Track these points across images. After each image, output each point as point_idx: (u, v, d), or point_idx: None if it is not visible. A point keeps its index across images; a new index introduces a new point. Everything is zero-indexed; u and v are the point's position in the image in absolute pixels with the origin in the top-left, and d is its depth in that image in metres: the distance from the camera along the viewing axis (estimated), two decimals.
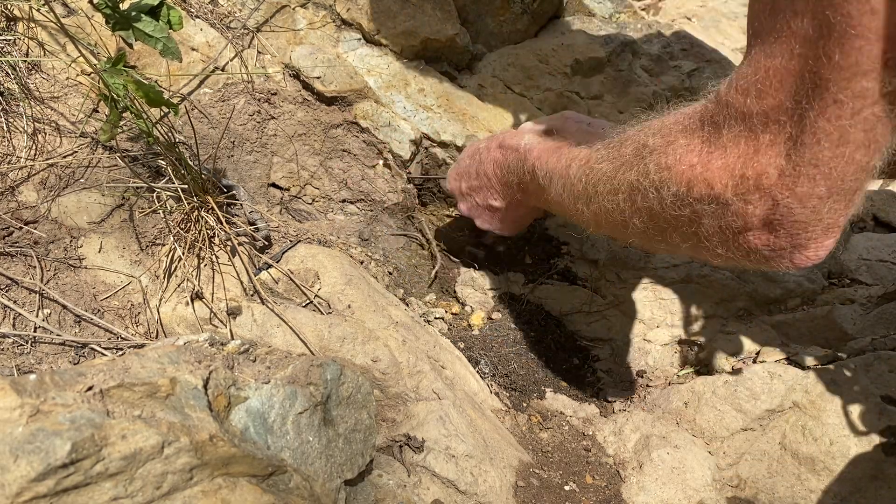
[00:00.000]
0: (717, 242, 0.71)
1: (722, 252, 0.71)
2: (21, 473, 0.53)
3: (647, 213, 0.77)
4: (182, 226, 1.04)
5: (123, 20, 0.84)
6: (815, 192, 0.62)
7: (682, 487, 1.02)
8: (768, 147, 0.63)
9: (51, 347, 0.89)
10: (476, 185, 1.18)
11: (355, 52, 1.41)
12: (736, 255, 0.71)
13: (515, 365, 1.21)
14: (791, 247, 0.67)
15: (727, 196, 0.66)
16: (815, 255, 0.68)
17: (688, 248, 0.77)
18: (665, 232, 0.76)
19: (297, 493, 0.71)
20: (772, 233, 0.66)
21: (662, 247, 0.81)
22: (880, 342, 1.11)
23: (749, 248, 0.69)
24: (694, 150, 0.69)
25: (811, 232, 0.65)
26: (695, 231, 0.72)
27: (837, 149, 0.59)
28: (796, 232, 0.65)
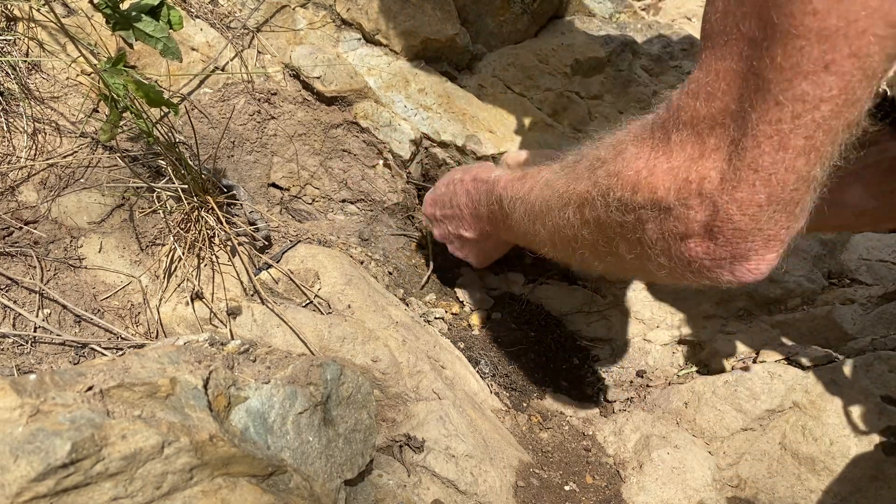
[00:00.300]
0: (660, 251, 0.70)
1: (665, 262, 0.71)
2: (21, 473, 0.53)
3: (594, 224, 0.77)
4: (182, 226, 1.04)
5: (124, 20, 0.84)
6: (754, 198, 0.61)
7: (682, 487, 1.02)
8: (713, 151, 0.63)
9: (51, 347, 0.89)
10: (449, 213, 1.19)
11: (355, 52, 1.41)
12: (678, 265, 0.70)
13: (515, 365, 1.20)
14: (731, 257, 0.66)
15: (669, 200, 0.66)
16: (756, 268, 0.67)
17: (633, 261, 0.76)
18: (612, 242, 0.76)
19: (297, 493, 0.71)
20: (712, 240, 0.65)
21: (611, 261, 0.81)
22: (880, 342, 1.11)
23: (690, 256, 0.68)
24: (642, 157, 0.69)
25: (751, 242, 0.64)
26: (639, 238, 0.72)
27: (777, 154, 0.59)
28: (736, 241, 0.64)
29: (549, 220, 0.86)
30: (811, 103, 0.56)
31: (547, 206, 0.86)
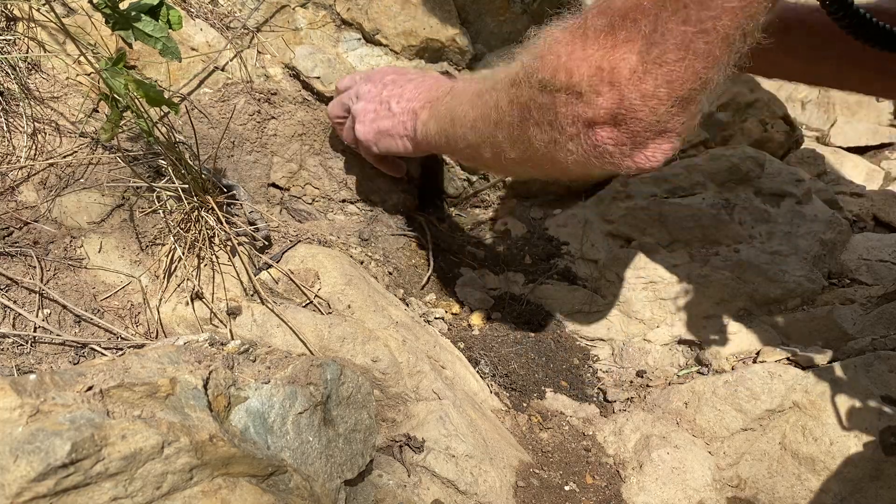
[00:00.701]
0: (569, 136, 0.76)
1: (573, 148, 0.77)
2: (21, 473, 0.53)
3: (517, 105, 0.83)
4: (182, 226, 1.04)
5: (123, 20, 0.84)
6: (656, 93, 0.68)
7: (682, 487, 1.02)
8: (624, 43, 0.69)
9: (51, 347, 0.89)
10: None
11: (355, 51, 1.41)
12: (585, 149, 0.76)
13: (515, 365, 1.20)
14: (632, 144, 0.72)
15: (582, 86, 0.71)
16: (653, 156, 0.74)
17: (544, 147, 0.81)
18: (526, 125, 0.82)
19: (297, 493, 0.71)
20: (616, 127, 0.72)
21: (523, 148, 0.86)
22: (880, 342, 1.11)
23: (596, 141, 0.74)
24: (564, 42, 0.74)
25: (650, 131, 0.71)
26: (551, 122, 0.77)
27: (681, 54, 0.66)
28: (637, 130, 0.71)
29: (479, 101, 0.93)
30: (714, 12, 0.63)
31: (478, 91, 0.93)
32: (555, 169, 0.87)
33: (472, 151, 1.00)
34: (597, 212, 1.42)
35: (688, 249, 1.33)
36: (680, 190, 1.44)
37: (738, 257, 1.30)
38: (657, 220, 1.37)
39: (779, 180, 1.44)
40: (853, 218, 1.58)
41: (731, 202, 1.40)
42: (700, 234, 1.35)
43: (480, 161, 1.03)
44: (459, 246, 1.40)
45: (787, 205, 1.41)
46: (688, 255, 1.32)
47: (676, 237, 1.35)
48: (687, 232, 1.35)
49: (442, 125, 1.07)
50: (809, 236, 1.35)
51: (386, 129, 1.20)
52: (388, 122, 1.19)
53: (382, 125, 1.20)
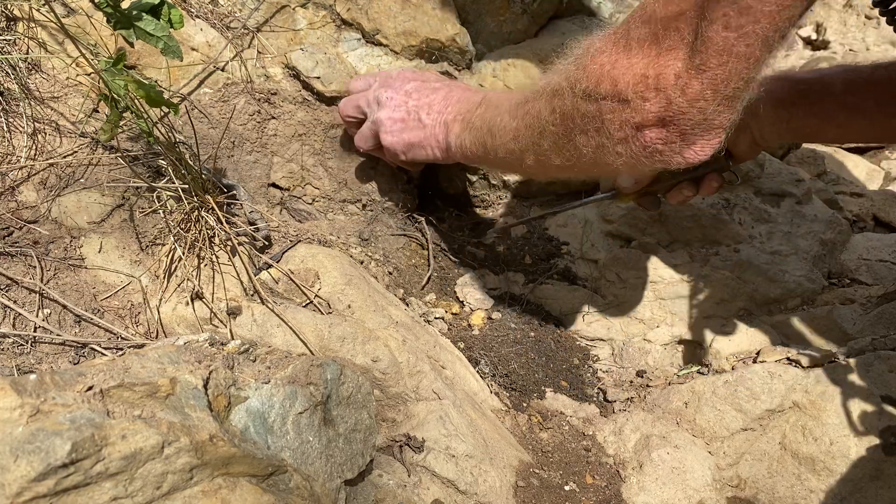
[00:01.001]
0: (618, 140, 0.79)
1: (622, 150, 0.80)
2: (21, 473, 0.53)
3: (559, 114, 0.85)
4: (182, 226, 1.04)
5: (124, 19, 0.84)
6: (703, 94, 0.71)
7: (682, 487, 1.02)
8: (668, 51, 0.72)
9: (51, 347, 0.89)
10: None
11: (355, 51, 1.41)
12: (633, 150, 0.79)
13: (515, 365, 1.21)
14: (681, 142, 0.76)
15: (628, 93, 0.75)
16: (702, 150, 0.77)
17: (591, 152, 0.84)
18: (572, 134, 0.84)
19: (297, 493, 0.71)
20: (664, 128, 0.75)
21: (568, 155, 0.88)
22: (880, 342, 1.11)
23: (645, 143, 0.77)
24: (606, 52, 0.77)
25: (699, 129, 0.74)
26: (597, 129, 0.80)
27: (723, 57, 0.69)
28: (686, 129, 0.74)
29: (519, 111, 0.96)
30: (753, 17, 0.66)
31: (519, 101, 0.96)
32: (601, 171, 0.90)
33: (514, 160, 1.02)
34: (597, 212, 1.42)
35: (688, 249, 1.33)
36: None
37: (738, 257, 1.30)
38: (657, 220, 1.37)
39: (779, 180, 1.44)
40: (853, 218, 1.58)
41: (730, 202, 1.40)
42: (700, 234, 1.35)
43: (521, 168, 1.05)
44: (459, 246, 1.40)
45: (787, 205, 1.41)
46: (688, 255, 1.32)
47: (676, 237, 1.35)
48: (687, 232, 1.35)
49: (479, 136, 1.08)
50: (809, 236, 1.35)
51: (417, 141, 1.22)
52: (419, 134, 1.21)
53: (412, 137, 1.22)
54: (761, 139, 1.11)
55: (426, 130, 1.20)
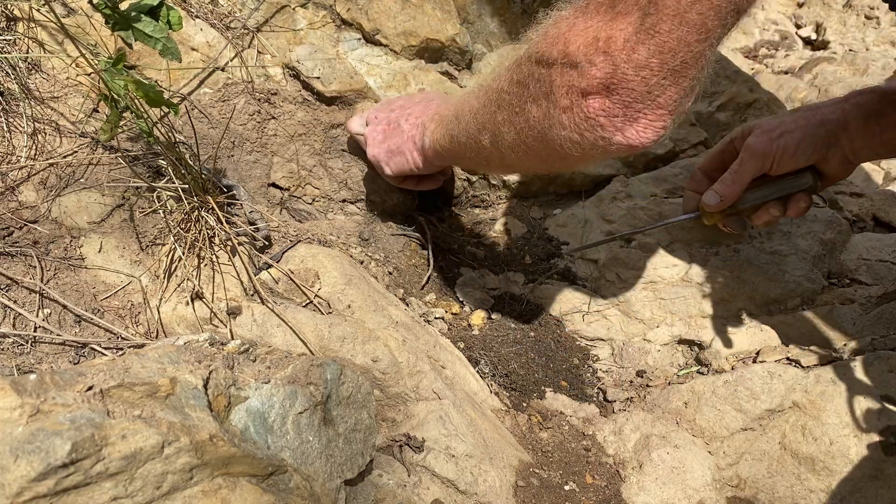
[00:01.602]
0: (563, 109, 0.78)
1: (566, 121, 0.78)
2: (21, 473, 0.53)
3: (516, 82, 0.85)
4: (182, 226, 1.04)
5: (123, 20, 0.84)
6: (648, 62, 0.70)
7: (681, 487, 1.02)
8: (621, 15, 0.71)
9: (51, 347, 0.89)
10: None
11: (355, 52, 1.41)
12: (577, 122, 0.77)
13: (515, 365, 1.21)
14: (624, 117, 0.74)
15: (578, 56, 0.74)
16: (644, 133, 0.75)
17: (539, 124, 0.83)
18: (525, 102, 0.84)
19: (297, 493, 0.71)
20: (608, 97, 0.73)
21: (519, 128, 0.87)
22: (880, 342, 1.11)
23: (587, 112, 0.75)
24: (568, 17, 0.77)
25: (642, 104, 0.73)
26: (546, 94, 0.79)
27: (674, 24, 0.68)
28: (629, 101, 0.73)
29: (482, 91, 0.95)
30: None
31: (485, 83, 0.95)
32: (549, 152, 0.87)
33: (473, 144, 1.00)
34: (597, 212, 1.42)
35: (688, 249, 1.33)
36: (679, 190, 1.44)
37: (738, 257, 1.30)
38: (657, 219, 1.37)
39: None
40: (853, 218, 1.58)
41: None
42: (700, 234, 1.35)
43: (481, 155, 1.03)
44: (459, 246, 1.40)
45: None
46: (688, 255, 1.32)
47: (676, 237, 1.35)
48: (687, 232, 1.35)
49: (447, 126, 1.07)
50: (809, 236, 1.35)
51: (396, 147, 1.21)
52: (398, 140, 1.20)
53: (392, 143, 1.21)
54: (853, 155, 1.04)
55: (404, 135, 1.19)
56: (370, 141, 1.24)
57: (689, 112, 1.62)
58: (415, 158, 1.19)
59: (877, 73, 2.40)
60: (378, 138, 1.23)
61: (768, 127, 1.06)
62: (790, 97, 2.40)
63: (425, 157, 1.17)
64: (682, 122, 1.60)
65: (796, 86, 2.45)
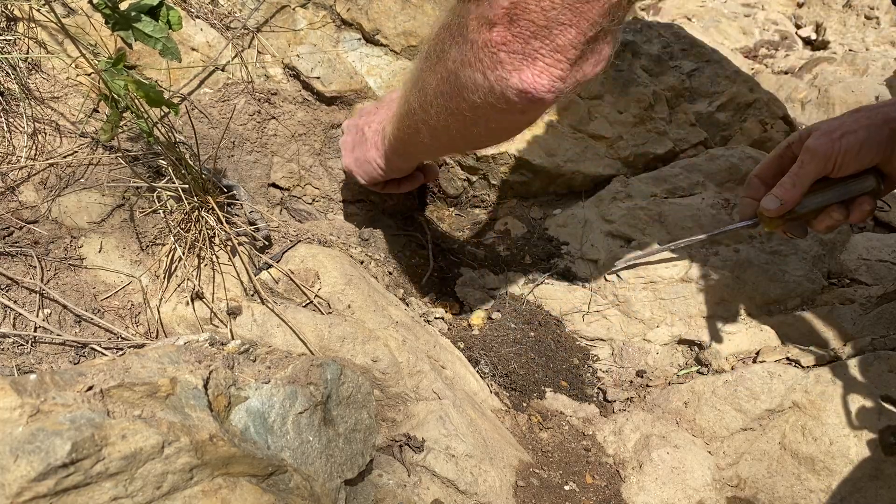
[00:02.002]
0: (472, 42, 0.77)
1: (473, 57, 0.78)
2: (21, 473, 0.53)
3: (440, 27, 0.84)
4: (182, 226, 1.04)
5: (123, 20, 0.84)
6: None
7: (681, 487, 1.02)
8: None
9: (51, 347, 0.89)
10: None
11: (355, 52, 1.41)
12: (482, 56, 0.76)
13: (515, 365, 1.21)
14: (523, 55, 0.73)
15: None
16: (540, 76, 0.74)
17: (456, 67, 0.82)
18: (445, 46, 0.83)
19: (297, 493, 0.71)
20: (509, 27, 0.73)
21: (439, 76, 0.86)
22: (880, 342, 1.11)
23: (491, 44, 0.75)
24: None
25: (540, 42, 0.72)
26: (461, 30, 0.79)
27: None
28: (528, 35, 0.72)
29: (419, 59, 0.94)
30: None
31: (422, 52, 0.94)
32: (460, 102, 0.86)
33: (408, 114, 0.99)
34: (596, 212, 1.42)
35: (688, 249, 1.33)
36: (679, 190, 1.44)
37: (738, 257, 1.30)
38: (657, 219, 1.37)
39: None
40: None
41: (730, 202, 1.40)
42: (700, 233, 1.35)
43: (414, 125, 1.00)
44: (459, 246, 1.40)
45: None
46: (688, 255, 1.32)
47: (676, 237, 1.35)
48: (687, 232, 1.35)
49: (395, 116, 1.06)
50: (809, 236, 1.35)
51: (362, 156, 1.21)
52: (363, 148, 1.21)
53: (358, 153, 1.22)
54: None
55: (367, 143, 1.19)
56: (343, 152, 1.25)
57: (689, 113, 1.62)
58: (378, 164, 1.19)
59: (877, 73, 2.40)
60: (348, 148, 1.24)
61: (829, 128, 1.02)
62: (790, 97, 2.40)
63: (386, 159, 1.17)
64: (682, 122, 1.60)
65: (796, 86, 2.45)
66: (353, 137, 1.23)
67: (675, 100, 1.62)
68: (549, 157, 1.46)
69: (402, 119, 1.03)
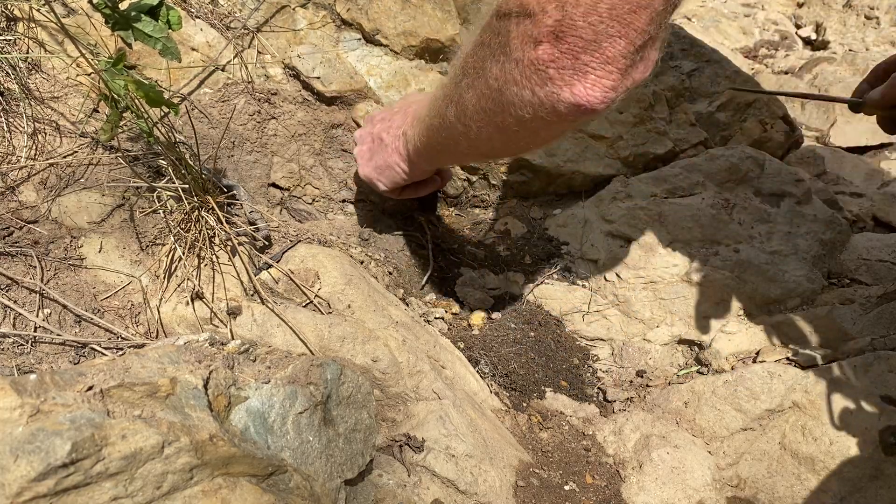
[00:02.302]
0: (517, 60, 0.76)
1: (519, 75, 0.77)
2: (21, 473, 0.53)
3: (479, 43, 0.84)
4: (182, 226, 1.04)
5: (123, 20, 0.84)
6: (596, 8, 0.69)
7: (681, 487, 1.02)
8: None
9: (51, 347, 0.89)
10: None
11: (355, 52, 1.41)
12: (528, 73, 0.76)
13: (515, 365, 1.21)
14: (573, 70, 0.73)
15: (532, 5, 0.73)
16: (592, 89, 0.74)
17: (497, 83, 0.81)
18: (485, 61, 0.82)
19: (297, 493, 0.71)
20: (557, 45, 0.72)
21: (479, 90, 0.86)
22: (880, 342, 1.11)
23: (538, 63, 0.74)
24: None
25: (590, 56, 0.72)
26: (503, 46, 0.78)
27: None
28: (577, 50, 0.72)
29: (451, 69, 0.92)
30: None
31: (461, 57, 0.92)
32: (505, 117, 0.85)
33: (442, 123, 0.98)
34: (596, 212, 1.42)
35: (688, 249, 1.33)
36: (679, 190, 1.44)
37: (738, 257, 1.30)
38: (657, 219, 1.37)
39: (778, 180, 1.44)
40: (853, 218, 1.58)
41: (730, 202, 1.40)
42: (700, 234, 1.35)
43: (451, 136, 1.00)
44: (459, 246, 1.40)
45: (786, 205, 1.41)
46: (688, 255, 1.32)
47: (676, 237, 1.35)
48: (686, 232, 1.35)
49: (421, 120, 1.06)
50: (809, 236, 1.35)
51: (383, 163, 1.20)
52: (383, 155, 1.20)
53: (378, 160, 1.20)
54: None
55: (388, 148, 1.18)
56: (360, 161, 1.24)
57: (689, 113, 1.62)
58: (402, 168, 1.18)
59: None
60: (365, 157, 1.23)
61: None
62: None
63: (411, 163, 1.16)
64: (682, 121, 1.60)
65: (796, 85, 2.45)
66: (370, 146, 1.22)
67: (675, 100, 1.62)
68: (548, 157, 1.46)
69: (435, 130, 1.02)
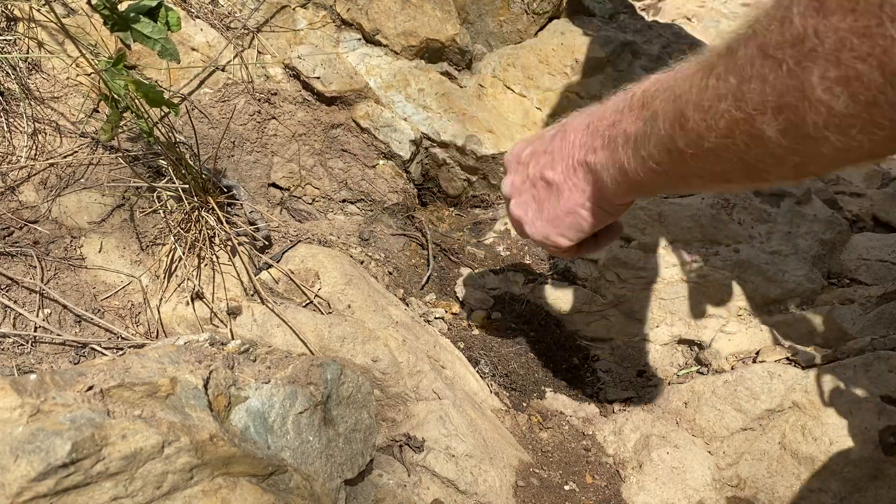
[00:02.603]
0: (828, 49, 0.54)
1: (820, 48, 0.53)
2: (21, 473, 0.53)
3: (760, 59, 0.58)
4: (182, 226, 1.04)
5: (122, 21, 0.84)
6: None
7: (681, 487, 1.02)
8: None
9: (51, 347, 0.89)
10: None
11: (355, 52, 1.41)
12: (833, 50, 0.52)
13: (515, 365, 1.21)
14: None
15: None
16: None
17: (784, 83, 0.51)
18: (763, 67, 0.56)
19: (297, 493, 0.71)
20: None
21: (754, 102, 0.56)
22: (880, 342, 1.11)
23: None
24: None
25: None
26: (812, 50, 0.56)
27: None
28: None
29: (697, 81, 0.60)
30: None
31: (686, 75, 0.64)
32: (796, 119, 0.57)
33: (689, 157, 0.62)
34: None
35: (688, 249, 1.33)
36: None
37: (738, 257, 1.30)
38: (657, 219, 1.37)
39: None
40: (853, 218, 1.58)
41: (730, 202, 1.40)
42: (699, 233, 1.35)
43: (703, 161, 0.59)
44: (459, 246, 1.40)
45: (786, 205, 1.41)
46: (688, 255, 1.32)
47: (676, 237, 1.35)
48: (686, 232, 1.35)
49: (637, 139, 0.73)
50: (809, 236, 1.35)
51: (561, 210, 0.89)
52: (557, 201, 0.89)
53: (552, 210, 0.90)
54: None
55: (563, 190, 0.88)
56: (525, 221, 0.92)
57: None
58: (592, 210, 0.87)
59: None
60: (531, 213, 0.92)
61: None
62: None
63: (605, 200, 0.85)
64: None
65: None
66: (534, 194, 0.92)
67: None
68: None
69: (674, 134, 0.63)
